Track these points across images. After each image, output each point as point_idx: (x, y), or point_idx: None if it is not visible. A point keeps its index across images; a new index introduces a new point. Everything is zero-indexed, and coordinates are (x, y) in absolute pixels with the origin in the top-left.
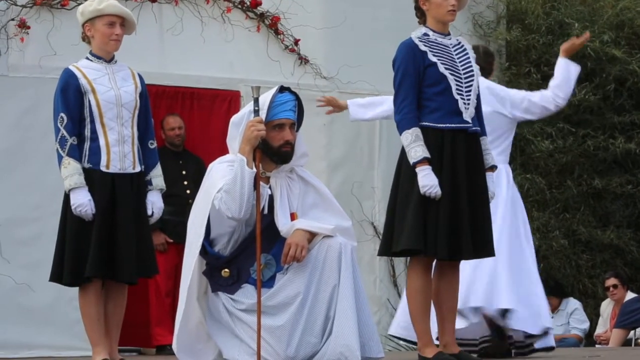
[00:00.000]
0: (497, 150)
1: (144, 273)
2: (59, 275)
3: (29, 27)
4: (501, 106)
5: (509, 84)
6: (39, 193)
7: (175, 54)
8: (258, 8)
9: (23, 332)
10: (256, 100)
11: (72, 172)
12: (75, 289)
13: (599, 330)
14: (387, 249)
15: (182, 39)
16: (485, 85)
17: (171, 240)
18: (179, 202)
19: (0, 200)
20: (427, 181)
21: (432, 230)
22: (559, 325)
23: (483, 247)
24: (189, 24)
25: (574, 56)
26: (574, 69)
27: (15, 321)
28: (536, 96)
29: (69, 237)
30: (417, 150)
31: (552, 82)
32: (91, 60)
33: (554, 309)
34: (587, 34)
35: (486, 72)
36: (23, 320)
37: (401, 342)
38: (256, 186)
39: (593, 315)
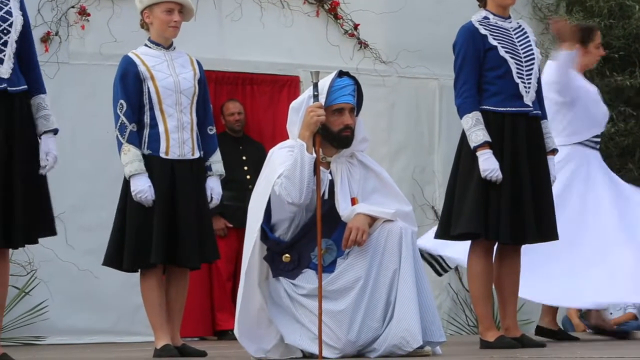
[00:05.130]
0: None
1: (206, 258)
2: (116, 260)
3: (89, 15)
4: None
5: None
6: (102, 180)
7: (235, 39)
8: None
9: (86, 318)
10: (315, 85)
11: (132, 158)
12: (137, 275)
13: None
14: (445, 232)
15: (241, 24)
16: None
17: (231, 225)
18: (239, 187)
19: (64, 187)
20: (488, 165)
21: (494, 214)
22: (618, 309)
23: (547, 231)
24: (248, 9)
25: None
26: (562, 56)
27: (79, 307)
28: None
29: (129, 223)
30: (477, 134)
31: None
32: (150, 47)
33: None
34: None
35: None
36: (86, 306)
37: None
38: (316, 171)
39: None
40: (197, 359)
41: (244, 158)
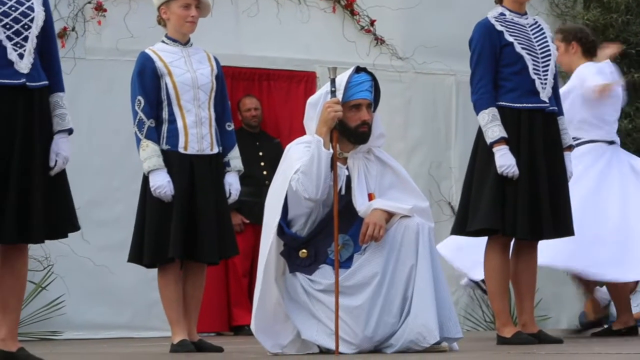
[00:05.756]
0: None
1: (225, 254)
2: (138, 256)
3: (105, 10)
4: None
5: None
6: (118, 175)
7: (252, 35)
8: None
9: (102, 313)
10: (333, 81)
11: (150, 154)
12: (154, 271)
13: None
14: (462, 228)
15: (258, 20)
16: None
17: (248, 221)
18: (256, 183)
19: (81, 182)
20: (504, 161)
21: (511, 210)
22: (636, 306)
23: (563, 227)
24: (265, 5)
25: None
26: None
27: (95, 302)
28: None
29: (148, 219)
30: (494, 130)
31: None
32: (167, 43)
33: (632, 289)
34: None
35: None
36: (102, 301)
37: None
38: (333, 167)
39: None
40: (213, 354)
41: (260, 154)
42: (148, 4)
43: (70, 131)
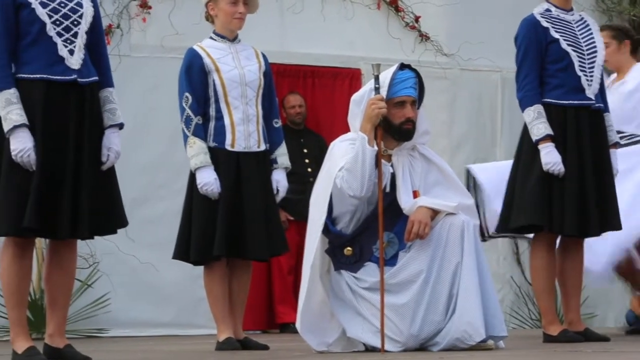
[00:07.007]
0: None
1: (275, 251)
2: (184, 253)
3: (150, 7)
4: None
5: None
6: (163, 172)
7: (296, 32)
8: None
9: (148, 311)
10: (377, 78)
11: (197, 151)
12: (199, 268)
13: None
14: (505, 225)
15: (302, 17)
16: None
17: (292, 218)
18: (300, 180)
19: (126, 179)
20: (550, 158)
21: (558, 207)
22: None
23: (610, 223)
24: (309, 2)
25: None
26: None
27: (140, 300)
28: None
29: (195, 216)
30: (539, 127)
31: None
32: (215, 40)
33: None
34: None
35: None
36: (148, 299)
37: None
38: (378, 164)
39: None
40: (259, 352)
41: (305, 151)
42: (193, 1)
43: (121, 126)
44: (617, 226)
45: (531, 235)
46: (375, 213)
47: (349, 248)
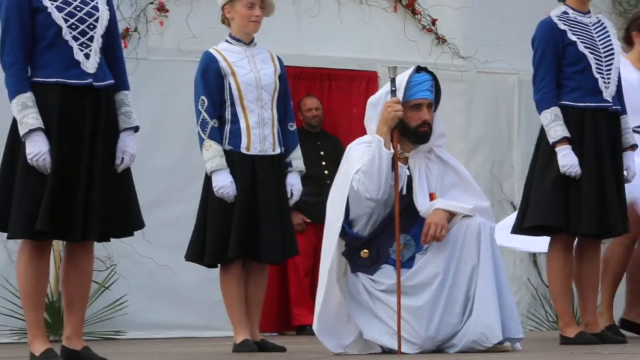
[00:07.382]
0: None
1: (286, 254)
2: (199, 255)
3: (167, 11)
4: None
5: None
6: (180, 175)
7: (313, 35)
8: None
9: (164, 313)
10: (393, 81)
11: (213, 154)
12: (216, 270)
13: None
14: (520, 225)
15: (319, 20)
16: None
17: (309, 221)
18: (317, 182)
19: (143, 182)
20: (567, 160)
21: (576, 208)
22: None
23: (619, 225)
24: (326, 5)
25: None
26: None
27: (157, 302)
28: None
29: (210, 218)
30: (556, 129)
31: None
32: (231, 43)
33: None
34: None
35: None
36: (164, 301)
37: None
38: (394, 167)
39: None
40: (276, 354)
41: (321, 153)
42: (210, 4)
43: (136, 129)
44: (626, 229)
45: (536, 250)
46: (391, 215)
47: (365, 250)
